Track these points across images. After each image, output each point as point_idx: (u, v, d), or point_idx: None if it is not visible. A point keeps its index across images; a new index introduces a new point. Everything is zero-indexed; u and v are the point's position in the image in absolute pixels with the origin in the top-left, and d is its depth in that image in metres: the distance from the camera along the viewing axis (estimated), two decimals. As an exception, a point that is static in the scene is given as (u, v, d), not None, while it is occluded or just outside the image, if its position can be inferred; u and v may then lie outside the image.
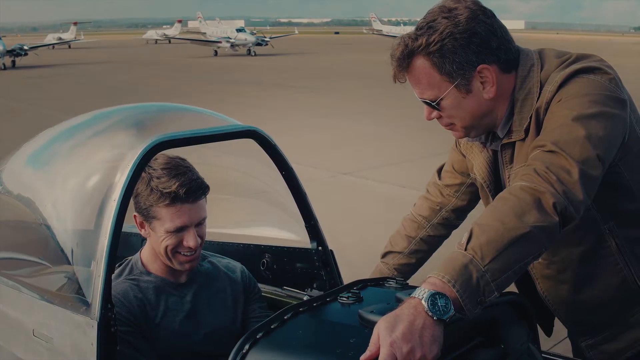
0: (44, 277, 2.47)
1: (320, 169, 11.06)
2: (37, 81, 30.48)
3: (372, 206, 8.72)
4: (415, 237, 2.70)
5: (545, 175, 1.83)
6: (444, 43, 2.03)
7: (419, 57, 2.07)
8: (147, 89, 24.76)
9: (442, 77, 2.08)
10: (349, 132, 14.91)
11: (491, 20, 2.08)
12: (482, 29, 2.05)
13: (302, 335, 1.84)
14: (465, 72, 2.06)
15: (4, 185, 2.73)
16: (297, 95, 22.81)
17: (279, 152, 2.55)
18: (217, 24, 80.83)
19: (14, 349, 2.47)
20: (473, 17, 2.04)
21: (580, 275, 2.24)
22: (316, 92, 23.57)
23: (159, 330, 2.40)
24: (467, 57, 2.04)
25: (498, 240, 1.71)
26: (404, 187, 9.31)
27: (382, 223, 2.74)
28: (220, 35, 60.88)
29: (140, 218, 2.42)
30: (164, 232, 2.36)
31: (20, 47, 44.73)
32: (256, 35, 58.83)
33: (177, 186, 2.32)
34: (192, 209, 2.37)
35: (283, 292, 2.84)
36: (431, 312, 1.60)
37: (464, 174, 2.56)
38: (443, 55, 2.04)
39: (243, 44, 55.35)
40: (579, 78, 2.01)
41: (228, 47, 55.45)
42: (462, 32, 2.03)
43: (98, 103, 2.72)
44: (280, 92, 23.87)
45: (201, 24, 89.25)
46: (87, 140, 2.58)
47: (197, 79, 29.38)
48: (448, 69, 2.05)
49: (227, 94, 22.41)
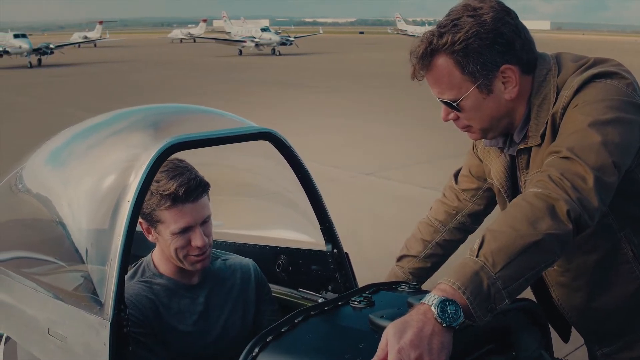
0: (60, 276, 2.48)
1: (341, 169, 11.07)
2: (61, 79, 30.74)
3: (393, 207, 8.69)
4: (431, 241, 2.68)
5: (559, 182, 1.80)
6: (469, 42, 2.00)
7: (442, 56, 2.05)
8: (169, 88, 24.93)
9: (464, 77, 2.05)
10: (371, 132, 14.90)
11: (515, 21, 2.06)
12: (507, 29, 2.03)
13: (311, 339, 1.84)
14: (489, 72, 2.04)
15: (23, 183, 2.76)
16: (320, 94, 22.81)
17: (295, 154, 2.54)
18: (241, 24, 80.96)
19: (30, 347, 2.49)
20: (499, 17, 2.02)
21: (595, 282, 2.21)
22: (339, 92, 23.57)
23: (172, 332, 2.41)
24: (492, 58, 2.02)
25: (510, 247, 1.68)
26: (426, 188, 9.27)
27: (403, 224, 2.73)
28: (244, 35, 61.01)
29: (146, 224, 2.42)
30: (170, 234, 2.36)
31: (47, 45, 45.30)
32: (281, 35, 58.91)
33: (176, 187, 2.32)
34: (195, 208, 2.37)
35: (298, 294, 2.84)
36: (440, 319, 1.59)
37: (481, 179, 2.54)
38: (467, 54, 2.01)
39: (267, 43, 55.48)
40: (596, 83, 1.98)
41: (253, 46, 55.63)
42: (488, 32, 2.00)
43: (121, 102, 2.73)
44: (303, 91, 23.90)
45: (226, 23, 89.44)
46: (104, 140, 2.60)
47: (220, 79, 29.48)
48: (472, 68, 2.03)
49: (249, 94, 22.45)
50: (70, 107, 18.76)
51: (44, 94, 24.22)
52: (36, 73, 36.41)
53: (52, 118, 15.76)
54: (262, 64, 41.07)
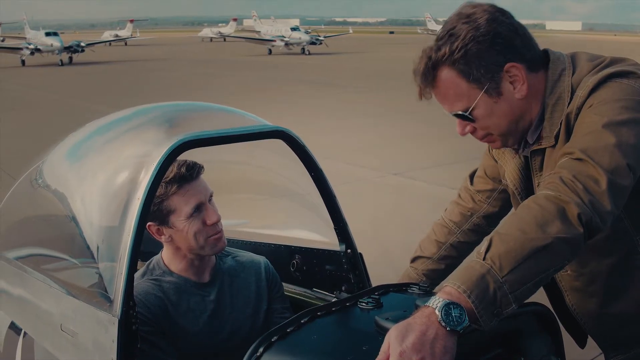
0: (73, 272, 2.50)
1: (368, 168, 11.05)
2: (91, 77, 31.08)
3: (420, 207, 8.64)
4: (445, 242, 2.65)
5: (571, 184, 1.76)
6: (467, 48, 1.97)
7: (444, 68, 2.02)
8: (196, 87, 25.04)
9: (470, 85, 2.01)
10: (399, 132, 14.86)
11: (511, 20, 2.03)
12: (503, 28, 1.99)
13: (316, 340, 1.82)
14: (494, 74, 2.00)
15: (43, 177, 2.78)
16: (348, 94, 22.80)
17: (309, 153, 2.53)
18: (271, 23, 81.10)
19: (44, 342, 2.51)
20: (493, 18, 1.99)
21: (609, 288, 2.16)
22: (367, 91, 23.53)
23: (181, 330, 2.41)
24: (493, 59, 1.99)
25: (518, 250, 1.65)
26: (453, 189, 9.18)
27: (430, 225, 2.72)
28: (274, 34, 61.17)
29: (155, 225, 2.42)
30: (185, 219, 2.38)
31: (77, 43, 45.86)
32: (310, 34, 58.93)
33: (177, 168, 2.37)
34: (199, 184, 2.42)
35: (312, 294, 2.83)
36: (444, 323, 1.56)
37: (496, 180, 2.50)
38: (468, 61, 1.98)
39: (297, 42, 55.58)
40: (611, 82, 1.93)
41: (282, 45, 55.73)
42: (485, 35, 1.97)
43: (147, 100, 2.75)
44: (331, 91, 23.90)
45: (256, 22, 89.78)
46: (121, 135, 2.62)
47: (250, 78, 29.56)
48: (475, 74, 1.99)
49: (278, 92, 22.51)
50: (100, 105, 18.95)
51: (74, 92, 24.55)
52: (67, 71, 36.85)
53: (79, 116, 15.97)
54: (292, 63, 41.12)
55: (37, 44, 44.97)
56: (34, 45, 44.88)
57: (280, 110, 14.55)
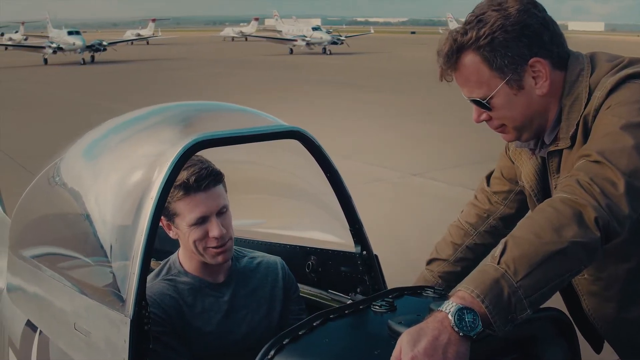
0: (87, 271, 2.50)
1: (388, 169, 11.03)
2: (113, 76, 31.27)
3: (439, 208, 8.60)
4: (461, 244, 2.62)
5: (588, 187, 1.72)
6: (494, 36, 1.95)
7: (469, 53, 2.00)
8: (214, 87, 25.11)
9: (492, 73, 1.99)
10: (419, 132, 14.82)
11: (543, 14, 2.00)
12: (534, 21, 1.97)
13: (327, 344, 1.80)
14: (517, 66, 1.97)
15: (60, 175, 2.78)
16: (369, 94, 22.75)
17: (324, 153, 2.51)
18: (293, 22, 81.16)
19: (58, 340, 2.52)
20: (524, 9, 1.96)
21: (627, 292, 2.12)
22: (388, 92, 23.47)
23: (195, 331, 2.39)
24: (519, 51, 1.96)
25: (533, 254, 1.61)
26: (473, 190, 9.15)
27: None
28: (295, 34, 61.20)
29: (166, 220, 2.42)
30: (187, 226, 2.36)
31: (99, 42, 46.19)
32: (332, 34, 58.89)
33: (186, 176, 2.32)
34: (208, 197, 2.36)
35: (328, 295, 2.81)
36: (457, 328, 1.54)
37: (513, 181, 2.47)
38: (494, 49, 1.96)
39: (318, 42, 55.55)
40: (630, 84, 1.90)
41: (303, 45, 55.74)
42: (514, 25, 1.94)
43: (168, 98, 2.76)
44: (352, 91, 23.86)
45: (277, 22, 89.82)
46: (136, 134, 2.62)
47: (270, 78, 29.61)
48: (499, 63, 1.97)
49: (299, 92, 22.53)
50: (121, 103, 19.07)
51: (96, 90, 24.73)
52: (89, 70, 37.12)
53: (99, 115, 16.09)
54: (313, 63, 41.12)
55: (59, 43, 45.35)
56: (57, 44, 45.26)
57: (300, 110, 14.55)
